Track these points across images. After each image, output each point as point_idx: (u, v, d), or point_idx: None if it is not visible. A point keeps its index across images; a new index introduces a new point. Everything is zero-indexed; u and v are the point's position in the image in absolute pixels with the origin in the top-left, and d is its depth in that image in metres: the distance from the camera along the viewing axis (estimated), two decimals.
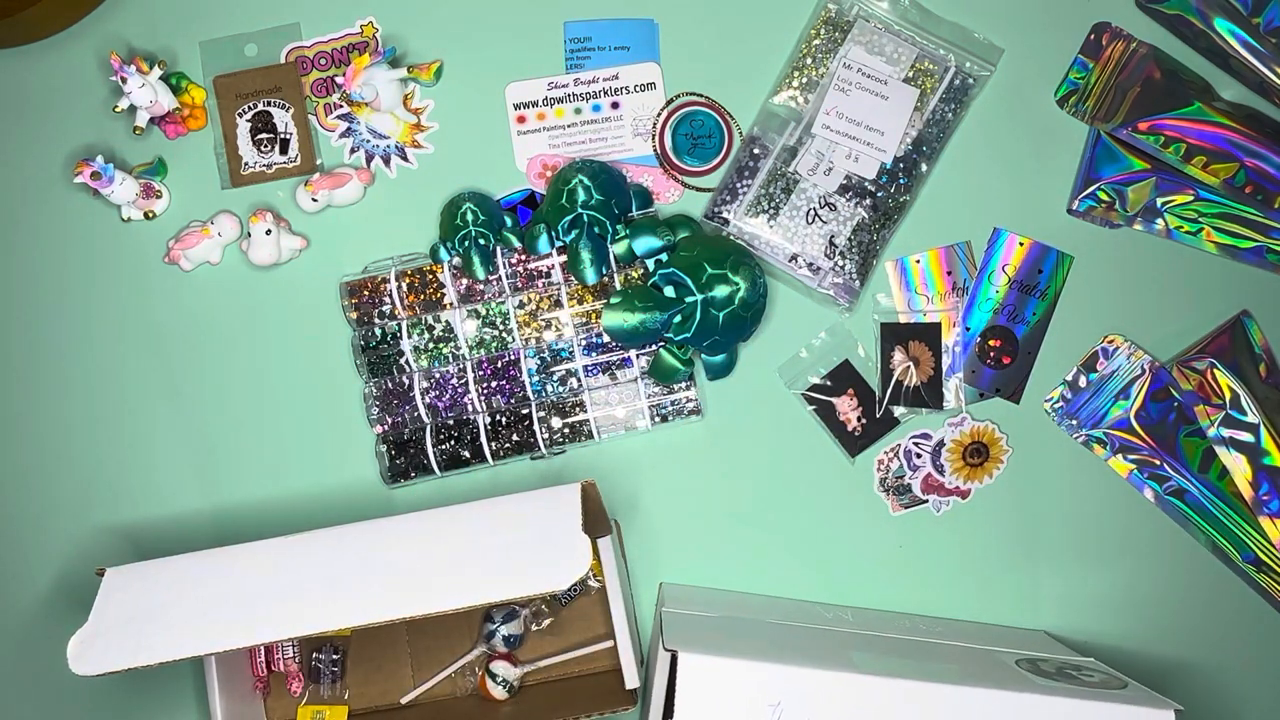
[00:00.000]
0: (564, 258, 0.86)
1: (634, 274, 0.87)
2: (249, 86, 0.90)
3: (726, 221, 0.87)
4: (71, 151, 0.90)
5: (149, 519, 0.90)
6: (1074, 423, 0.87)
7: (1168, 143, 0.82)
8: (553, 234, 0.85)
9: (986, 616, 0.88)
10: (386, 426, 0.88)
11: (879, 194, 0.86)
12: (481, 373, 0.87)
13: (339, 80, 0.90)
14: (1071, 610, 0.88)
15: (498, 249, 0.87)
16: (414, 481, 0.88)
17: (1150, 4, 0.86)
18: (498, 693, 0.87)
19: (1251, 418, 0.82)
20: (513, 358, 0.87)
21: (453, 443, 0.87)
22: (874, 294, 0.88)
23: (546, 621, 0.89)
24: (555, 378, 0.87)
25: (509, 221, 0.88)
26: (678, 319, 0.82)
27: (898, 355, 0.87)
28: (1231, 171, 0.81)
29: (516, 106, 0.90)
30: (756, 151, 0.87)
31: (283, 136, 0.90)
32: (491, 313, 0.87)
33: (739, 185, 0.87)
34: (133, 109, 0.87)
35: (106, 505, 0.90)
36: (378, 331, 0.88)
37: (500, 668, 0.87)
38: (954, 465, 0.87)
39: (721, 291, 0.81)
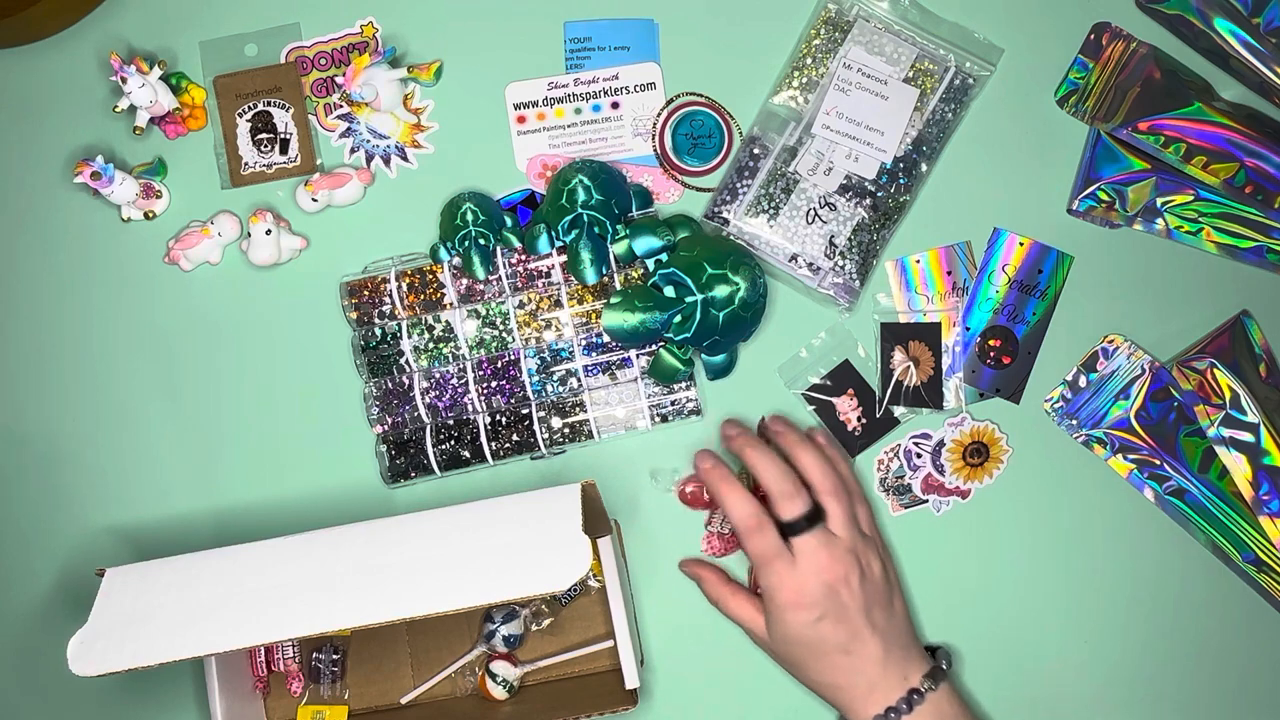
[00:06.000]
0: (564, 258, 0.86)
1: (634, 274, 0.87)
2: (249, 86, 0.90)
3: (726, 221, 0.87)
4: (71, 151, 0.90)
5: (149, 519, 0.90)
6: (1074, 423, 0.87)
7: (1168, 143, 0.82)
8: (553, 234, 0.85)
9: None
10: (386, 426, 0.88)
11: (879, 194, 0.86)
12: (481, 373, 0.87)
13: (339, 80, 0.90)
14: (1072, 610, 0.87)
15: (498, 249, 0.87)
16: (414, 481, 0.88)
17: (1150, 4, 0.86)
18: (498, 693, 0.87)
19: (1251, 418, 0.82)
20: (513, 358, 0.87)
21: (453, 443, 0.87)
22: (874, 294, 0.88)
23: (546, 621, 0.89)
24: (555, 378, 0.87)
25: (509, 221, 0.88)
26: (678, 319, 0.82)
27: (898, 355, 0.87)
28: (1231, 171, 0.81)
29: (516, 106, 0.90)
30: (756, 151, 0.87)
31: (283, 136, 0.90)
32: (491, 313, 0.87)
33: (739, 185, 0.87)
34: (133, 109, 0.87)
35: (106, 505, 0.90)
36: (378, 331, 0.88)
37: (500, 668, 0.87)
38: (954, 465, 0.87)
39: (721, 291, 0.81)
